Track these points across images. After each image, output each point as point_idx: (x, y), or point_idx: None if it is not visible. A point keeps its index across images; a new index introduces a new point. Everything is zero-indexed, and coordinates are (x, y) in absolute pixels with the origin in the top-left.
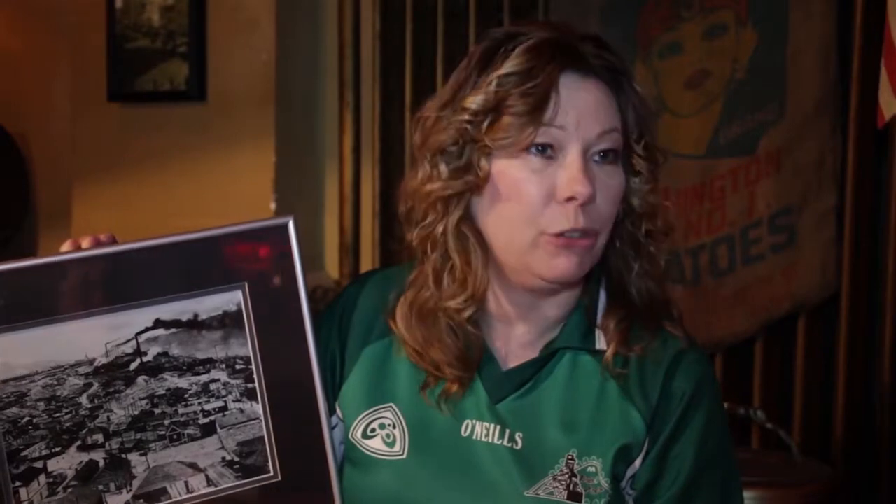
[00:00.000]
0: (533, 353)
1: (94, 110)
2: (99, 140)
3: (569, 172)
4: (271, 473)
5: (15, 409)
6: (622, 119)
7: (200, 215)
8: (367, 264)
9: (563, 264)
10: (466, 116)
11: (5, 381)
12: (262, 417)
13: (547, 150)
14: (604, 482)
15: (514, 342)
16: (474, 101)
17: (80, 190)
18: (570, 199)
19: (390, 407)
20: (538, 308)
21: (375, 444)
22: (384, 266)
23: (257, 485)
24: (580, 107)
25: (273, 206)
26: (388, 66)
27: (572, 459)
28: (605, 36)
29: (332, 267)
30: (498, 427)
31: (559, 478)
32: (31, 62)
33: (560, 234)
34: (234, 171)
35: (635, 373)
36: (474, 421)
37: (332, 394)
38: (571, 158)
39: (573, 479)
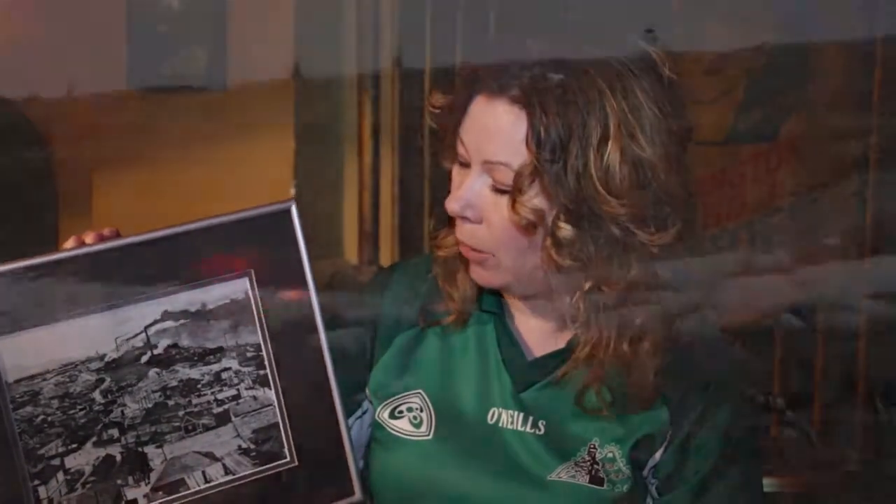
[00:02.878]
0: (558, 344)
1: (114, 97)
2: (119, 127)
3: (454, 186)
4: (288, 459)
5: (29, 409)
6: (536, 144)
7: (220, 202)
8: (386, 250)
9: (475, 272)
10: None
11: (18, 381)
12: (276, 403)
13: (466, 164)
14: (624, 468)
15: (536, 331)
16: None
17: (100, 177)
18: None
19: (419, 393)
20: (536, 307)
21: (402, 425)
22: (403, 252)
23: (275, 471)
24: (478, 131)
25: (293, 192)
26: (408, 52)
27: (594, 448)
28: None
29: (351, 253)
30: (522, 415)
31: (581, 463)
32: (50, 49)
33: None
34: (253, 157)
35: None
36: (500, 409)
37: (361, 380)
38: (466, 174)
39: (595, 465)
